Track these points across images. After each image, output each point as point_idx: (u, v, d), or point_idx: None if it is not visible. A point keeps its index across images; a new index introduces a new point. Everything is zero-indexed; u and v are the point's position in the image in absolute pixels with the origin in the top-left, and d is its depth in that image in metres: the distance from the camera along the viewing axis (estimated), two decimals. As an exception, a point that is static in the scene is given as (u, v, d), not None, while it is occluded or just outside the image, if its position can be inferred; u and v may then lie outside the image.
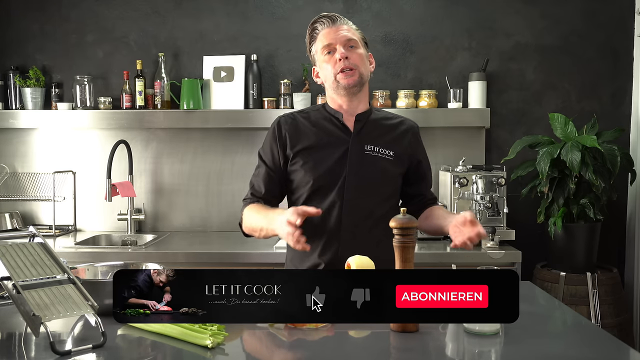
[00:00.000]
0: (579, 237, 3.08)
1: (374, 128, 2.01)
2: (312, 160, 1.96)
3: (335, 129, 1.99)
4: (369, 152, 1.97)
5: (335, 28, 1.95)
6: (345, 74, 1.92)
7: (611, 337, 1.52)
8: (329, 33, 1.95)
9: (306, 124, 2.01)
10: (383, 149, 1.98)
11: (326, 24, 1.96)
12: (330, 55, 1.94)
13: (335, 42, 1.93)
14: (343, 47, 1.93)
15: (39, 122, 3.47)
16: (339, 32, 1.94)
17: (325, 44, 1.94)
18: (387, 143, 2.00)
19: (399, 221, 1.50)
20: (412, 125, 2.09)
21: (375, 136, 2.00)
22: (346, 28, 1.96)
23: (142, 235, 3.39)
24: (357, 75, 1.93)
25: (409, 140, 2.05)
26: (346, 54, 1.92)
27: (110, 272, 1.80)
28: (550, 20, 3.48)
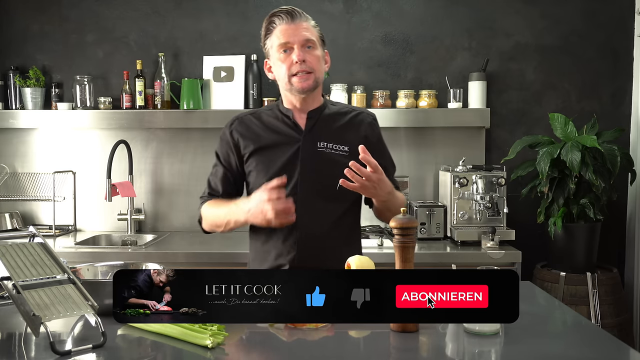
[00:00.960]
0: (579, 237, 3.08)
1: (326, 124, 1.98)
2: (264, 161, 1.95)
3: (286, 127, 1.97)
4: (321, 149, 1.94)
5: (294, 26, 1.88)
6: (300, 77, 1.88)
7: (611, 337, 1.52)
8: (287, 30, 1.88)
9: (257, 125, 1.99)
10: (337, 145, 1.94)
11: (285, 19, 1.89)
12: (286, 55, 1.89)
13: (292, 41, 1.87)
14: (300, 49, 1.87)
15: (39, 122, 3.47)
16: (297, 31, 1.88)
17: (282, 42, 1.89)
18: (341, 138, 1.96)
19: (399, 221, 1.50)
20: (368, 116, 2.05)
21: (329, 132, 1.96)
22: (305, 26, 1.90)
23: (142, 235, 3.39)
24: (312, 79, 1.89)
25: (365, 133, 2.00)
26: (303, 56, 1.86)
27: (110, 272, 1.80)
28: (550, 20, 3.48)
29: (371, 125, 2.04)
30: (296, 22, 1.88)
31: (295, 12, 1.89)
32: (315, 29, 1.93)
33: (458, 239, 3.05)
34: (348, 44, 3.51)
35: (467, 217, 3.12)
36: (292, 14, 1.89)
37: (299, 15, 1.89)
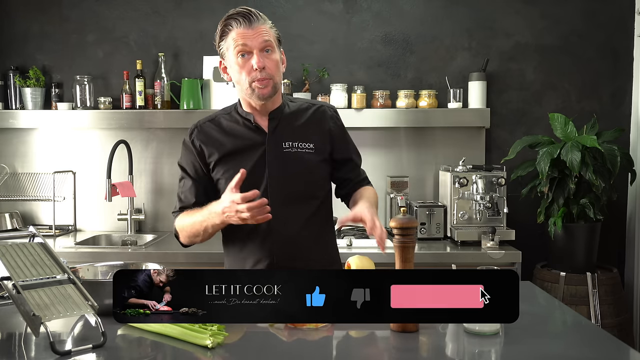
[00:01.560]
0: (579, 237, 3.08)
1: (289, 123, 1.95)
2: (231, 168, 1.90)
3: (249, 131, 1.93)
4: (287, 150, 1.91)
5: (251, 30, 1.81)
6: (260, 83, 1.83)
7: (611, 337, 1.52)
8: (244, 34, 1.81)
9: (218, 131, 1.96)
10: (302, 143, 1.92)
11: (242, 23, 1.82)
12: (244, 60, 1.83)
13: (251, 46, 1.81)
14: (259, 54, 1.81)
15: (39, 122, 3.47)
16: (255, 35, 1.81)
17: (239, 46, 1.82)
18: (305, 136, 1.93)
19: (399, 221, 1.50)
20: (329, 109, 2.02)
21: (292, 131, 1.93)
22: (263, 30, 1.83)
23: (142, 235, 3.39)
24: (271, 85, 1.85)
25: (328, 127, 1.98)
26: (263, 62, 1.81)
27: (110, 272, 1.81)
28: (550, 20, 3.48)
29: (333, 118, 2.01)
30: (254, 25, 1.82)
31: (253, 15, 1.83)
32: (272, 30, 1.87)
33: (458, 239, 3.05)
34: (348, 44, 3.51)
35: (467, 217, 3.12)
36: (249, 17, 1.82)
37: (256, 18, 1.83)
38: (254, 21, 1.82)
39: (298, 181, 1.92)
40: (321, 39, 3.51)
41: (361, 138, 3.47)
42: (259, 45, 1.82)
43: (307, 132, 1.95)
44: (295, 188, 1.92)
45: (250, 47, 1.82)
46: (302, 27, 3.51)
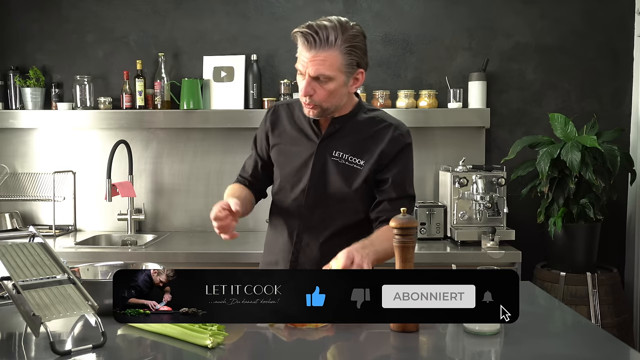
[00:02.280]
0: (579, 237, 3.08)
1: (349, 132, 1.88)
2: (283, 157, 1.96)
3: (309, 128, 1.92)
4: (335, 159, 1.87)
5: (311, 55, 1.73)
6: (307, 105, 1.81)
7: (611, 337, 1.52)
8: (304, 56, 1.76)
9: (288, 117, 1.97)
10: (352, 157, 1.87)
11: (303, 43, 1.75)
12: (300, 77, 1.80)
13: (305, 71, 1.76)
14: (309, 82, 1.75)
15: (39, 122, 3.47)
16: (312, 62, 1.73)
17: (298, 64, 1.79)
18: (360, 150, 1.87)
19: (399, 221, 1.50)
20: (396, 129, 1.90)
21: (348, 141, 1.87)
22: (323, 57, 1.72)
23: (142, 235, 3.39)
24: (317, 110, 1.80)
25: (388, 149, 1.87)
26: (310, 91, 1.76)
27: (110, 272, 1.80)
28: (550, 20, 3.48)
29: (393, 140, 1.88)
30: (314, 50, 1.72)
31: (316, 38, 1.72)
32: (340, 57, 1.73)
33: (458, 239, 3.05)
34: (348, 44, 3.50)
35: (467, 217, 3.12)
36: (311, 40, 1.73)
37: (319, 42, 1.72)
38: (315, 46, 1.73)
39: (335, 192, 1.88)
40: (321, 39, 3.51)
41: (361, 138, 3.50)
42: (312, 73, 1.75)
43: (363, 147, 1.87)
44: (332, 199, 1.89)
45: (304, 70, 1.77)
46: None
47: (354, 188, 1.88)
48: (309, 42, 1.74)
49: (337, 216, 1.91)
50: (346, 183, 1.88)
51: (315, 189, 1.90)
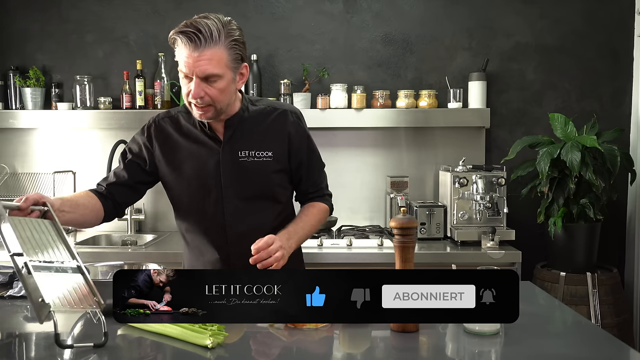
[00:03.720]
0: (579, 237, 3.08)
1: (247, 129, 1.85)
2: (182, 173, 1.86)
3: (205, 137, 1.84)
4: (243, 159, 1.83)
5: (196, 56, 1.67)
6: (198, 108, 1.74)
7: (611, 337, 1.52)
8: (188, 58, 1.69)
9: (175, 131, 1.88)
10: (259, 152, 1.83)
11: (188, 46, 1.69)
12: (186, 80, 1.73)
13: (192, 73, 1.69)
14: (199, 83, 1.70)
15: (39, 122, 3.47)
16: (198, 63, 1.68)
17: (182, 67, 1.72)
18: (264, 143, 1.84)
19: (399, 221, 1.50)
20: (292, 114, 1.90)
21: (249, 138, 1.84)
22: (209, 56, 1.68)
23: (142, 235, 3.39)
24: (211, 111, 1.75)
25: (287, 132, 1.87)
26: (201, 92, 1.69)
27: (110, 272, 1.80)
28: (550, 20, 3.48)
29: (294, 123, 1.89)
30: (199, 50, 1.67)
31: (200, 37, 1.67)
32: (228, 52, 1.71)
33: (458, 239, 3.05)
34: (348, 44, 3.51)
35: (467, 217, 3.12)
36: (194, 40, 1.68)
37: (203, 41, 1.67)
38: (199, 46, 1.68)
39: (253, 191, 1.85)
40: (321, 39, 3.51)
41: (361, 138, 3.50)
42: (200, 74, 1.69)
43: (265, 139, 1.85)
44: (253, 198, 1.85)
45: (190, 73, 1.70)
46: (302, 27, 3.51)
47: (270, 181, 1.86)
48: (193, 41, 1.68)
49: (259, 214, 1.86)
50: (262, 179, 1.85)
51: (232, 194, 1.83)
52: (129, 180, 1.90)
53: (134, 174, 1.90)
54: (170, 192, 1.94)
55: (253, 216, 1.86)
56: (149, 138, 1.90)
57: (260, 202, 1.87)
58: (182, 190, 1.89)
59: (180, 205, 1.94)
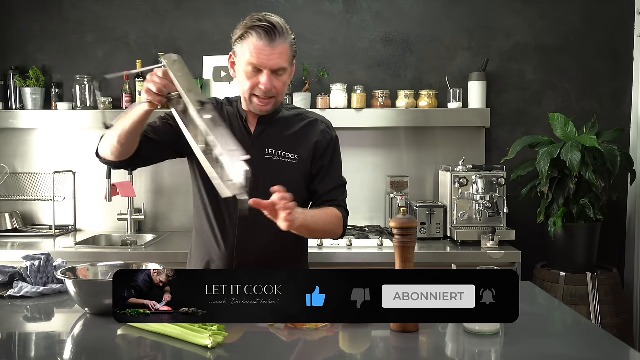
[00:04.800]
0: (579, 237, 3.08)
1: (278, 130, 1.91)
2: None
3: (239, 128, 1.90)
4: (269, 156, 1.88)
5: (270, 49, 1.75)
6: (261, 100, 1.82)
7: (611, 337, 1.52)
8: (262, 52, 1.76)
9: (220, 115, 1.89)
10: (286, 152, 1.89)
11: (263, 38, 1.75)
12: (253, 74, 1.79)
13: (264, 66, 1.77)
14: (270, 76, 1.78)
15: (39, 122, 3.47)
16: (272, 56, 1.76)
17: (253, 62, 1.78)
18: (291, 145, 1.90)
19: (399, 221, 1.50)
20: (322, 123, 1.96)
21: (279, 138, 1.90)
22: (280, 50, 1.77)
23: (142, 235, 3.39)
24: (272, 103, 1.84)
25: (316, 139, 1.93)
26: (271, 84, 1.78)
27: (110, 272, 1.80)
28: (550, 20, 3.48)
29: (323, 132, 1.95)
30: (274, 44, 1.76)
31: (276, 32, 1.76)
32: (291, 49, 1.81)
33: (458, 239, 3.05)
34: (348, 44, 3.51)
35: (467, 217, 3.12)
36: (271, 33, 1.75)
37: (279, 35, 1.76)
38: (275, 39, 1.76)
39: None
40: (321, 39, 3.51)
41: (361, 138, 3.50)
42: (272, 67, 1.78)
43: (293, 142, 1.91)
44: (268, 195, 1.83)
45: (263, 66, 1.77)
46: (302, 27, 3.51)
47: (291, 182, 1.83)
48: (269, 35, 1.75)
49: None
50: (283, 178, 1.82)
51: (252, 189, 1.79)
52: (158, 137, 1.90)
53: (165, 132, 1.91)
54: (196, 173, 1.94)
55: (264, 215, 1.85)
56: None
57: None
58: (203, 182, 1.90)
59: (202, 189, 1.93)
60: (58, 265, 2.00)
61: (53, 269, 1.97)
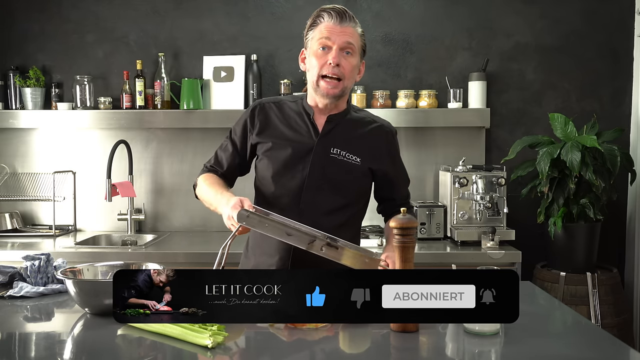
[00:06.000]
0: (579, 237, 3.08)
1: (345, 130, 1.95)
2: (276, 154, 1.94)
3: (304, 126, 1.95)
4: (334, 155, 1.92)
5: (340, 27, 1.85)
6: (328, 82, 1.86)
7: (611, 337, 1.52)
8: (332, 29, 1.85)
9: (278, 115, 1.98)
10: (349, 154, 1.93)
11: (333, 17, 1.85)
12: (323, 52, 1.86)
13: (333, 41, 1.84)
14: (338, 51, 1.84)
15: (39, 122, 3.47)
16: (341, 33, 1.85)
17: (323, 38, 1.85)
18: (356, 148, 1.94)
19: (399, 221, 1.50)
20: (389, 131, 2.03)
21: (344, 139, 1.94)
22: (350, 31, 1.86)
23: (142, 235, 3.39)
24: (340, 87, 1.87)
25: (381, 147, 1.99)
26: (339, 60, 1.84)
27: (110, 272, 1.80)
28: (550, 20, 3.48)
29: (388, 139, 2.02)
30: (343, 24, 1.85)
31: (347, 14, 1.86)
32: (360, 37, 1.90)
33: (458, 239, 3.05)
34: (348, 44, 3.50)
35: (467, 217, 3.12)
36: (342, 15, 1.86)
37: (348, 18, 1.86)
38: (345, 20, 1.86)
39: (334, 188, 1.92)
40: (321, 39, 3.51)
41: (361, 138, 3.49)
42: (341, 43, 1.84)
43: (358, 145, 1.95)
44: (330, 194, 1.92)
45: (332, 41, 1.84)
46: (302, 27, 3.49)
47: (352, 183, 1.94)
48: (340, 15, 1.85)
49: (335, 212, 1.93)
50: (344, 179, 1.93)
51: (314, 186, 1.91)
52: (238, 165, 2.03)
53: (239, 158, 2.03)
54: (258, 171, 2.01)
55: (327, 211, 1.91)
56: (252, 118, 2.00)
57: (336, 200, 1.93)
58: (269, 173, 1.94)
59: (261, 188, 1.99)
60: (58, 265, 2.00)
61: (53, 269, 1.97)
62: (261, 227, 1.68)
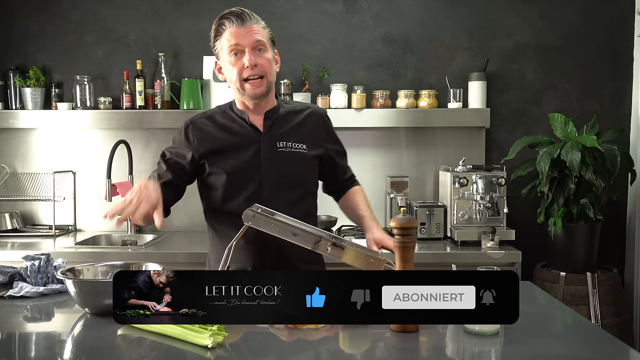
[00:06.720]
0: (579, 237, 3.08)
1: (284, 123, 1.99)
2: (222, 163, 1.93)
3: (243, 129, 1.96)
4: (282, 149, 1.95)
5: (244, 29, 1.87)
6: (252, 83, 1.88)
7: (611, 337, 1.52)
8: (237, 33, 1.87)
9: (212, 127, 1.98)
10: (296, 143, 1.97)
11: (235, 22, 1.87)
12: (237, 58, 1.88)
13: (243, 44, 1.86)
14: (251, 52, 1.86)
15: (39, 122, 3.47)
16: (248, 34, 1.87)
17: (232, 44, 1.87)
18: (299, 136, 1.99)
19: (399, 221, 1.50)
20: (320, 113, 2.09)
21: (286, 131, 1.98)
22: (256, 29, 1.88)
23: (142, 235, 3.39)
24: (265, 84, 1.90)
25: (319, 129, 2.05)
26: (254, 60, 1.86)
27: (110, 272, 1.81)
28: (550, 20, 3.48)
29: (323, 120, 2.07)
30: (246, 25, 1.87)
31: (245, 14, 1.89)
32: (265, 31, 1.93)
33: (458, 239, 3.05)
34: (348, 44, 3.51)
35: (467, 217, 3.12)
36: (241, 16, 1.88)
37: (249, 17, 1.89)
38: (247, 20, 1.88)
39: (290, 180, 1.96)
40: (321, 39, 3.51)
41: (361, 138, 3.50)
42: (251, 44, 1.87)
43: (300, 133, 2.00)
44: (288, 187, 1.96)
45: (242, 45, 1.87)
46: (302, 27, 3.51)
47: (305, 171, 2.00)
48: (242, 18, 1.88)
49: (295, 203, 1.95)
50: (298, 169, 1.97)
51: (270, 182, 1.93)
52: (174, 179, 1.98)
53: (176, 172, 1.98)
54: (208, 186, 2.00)
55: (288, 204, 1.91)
56: (187, 137, 1.98)
57: (295, 191, 1.97)
58: (221, 183, 1.95)
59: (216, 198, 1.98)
60: (58, 265, 2.00)
61: (53, 269, 1.97)
62: (267, 227, 1.68)
